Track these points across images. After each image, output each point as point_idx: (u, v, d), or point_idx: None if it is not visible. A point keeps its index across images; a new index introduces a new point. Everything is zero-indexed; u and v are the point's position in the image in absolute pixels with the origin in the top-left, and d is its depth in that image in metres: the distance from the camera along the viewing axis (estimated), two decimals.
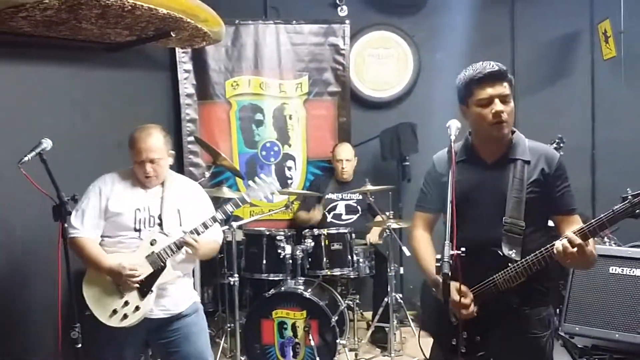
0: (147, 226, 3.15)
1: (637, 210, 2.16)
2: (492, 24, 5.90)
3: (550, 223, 2.62)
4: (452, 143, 2.32)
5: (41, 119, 3.79)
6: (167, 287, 3.16)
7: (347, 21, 5.75)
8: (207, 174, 5.10)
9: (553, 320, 2.63)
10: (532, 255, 2.37)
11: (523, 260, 2.38)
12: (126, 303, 3.06)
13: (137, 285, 3.06)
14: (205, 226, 3.18)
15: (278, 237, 4.64)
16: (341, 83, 5.78)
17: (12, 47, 3.60)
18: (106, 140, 4.41)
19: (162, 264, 3.10)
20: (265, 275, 4.68)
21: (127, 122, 4.69)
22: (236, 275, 4.45)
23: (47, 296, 3.51)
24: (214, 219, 3.23)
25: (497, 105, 2.42)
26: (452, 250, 2.16)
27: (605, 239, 4.42)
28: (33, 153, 2.79)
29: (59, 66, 4.02)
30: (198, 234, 3.15)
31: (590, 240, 2.25)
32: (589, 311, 3.66)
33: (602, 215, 2.22)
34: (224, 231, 4.52)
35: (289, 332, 4.38)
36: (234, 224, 4.45)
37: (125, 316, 3.05)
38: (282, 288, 4.48)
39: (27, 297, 3.64)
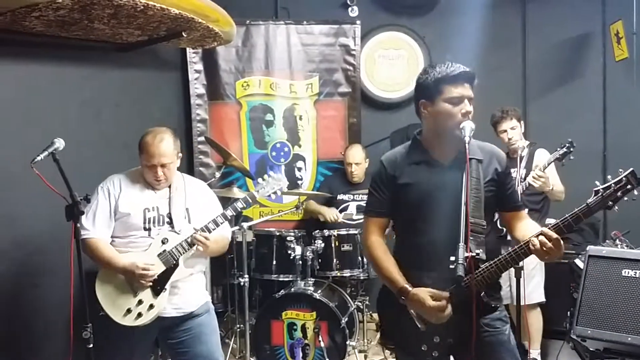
0: (157, 225, 3.16)
1: (610, 202, 2.24)
2: (504, 25, 5.87)
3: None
4: (467, 144, 2.30)
5: (52, 118, 3.81)
6: (180, 285, 3.18)
7: (358, 22, 5.75)
8: (218, 174, 5.11)
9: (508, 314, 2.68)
10: (510, 251, 2.37)
11: (501, 257, 2.38)
12: (140, 302, 3.08)
13: (151, 283, 3.07)
14: (216, 223, 3.21)
15: (288, 238, 4.63)
16: (352, 84, 5.77)
17: (24, 47, 3.62)
18: (117, 140, 4.42)
19: (174, 261, 3.11)
20: (275, 276, 4.67)
21: (137, 122, 4.72)
22: (246, 275, 4.45)
23: (59, 296, 3.52)
24: (224, 216, 3.25)
25: (467, 106, 2.42)
26: (467, 252, 2.13)
27: (617, 242, 4.39)
28: (46, 153, 2.80)
29: (71, 66, 4.03)
30: (209, 231, 3.17)
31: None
32: (601, 314, 3.62)
33: (576, 210, 2.29)
34: (234, 232, 4.54)
35: (298, 333, 4.37)
36: (245, 225, 4.45)
37: (139, 315, 3.06)
38: (292, 289, 4.47)
39: (39, 297, 3.66)
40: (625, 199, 2.25)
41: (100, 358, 2.91)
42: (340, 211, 5.22)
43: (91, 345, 2.77)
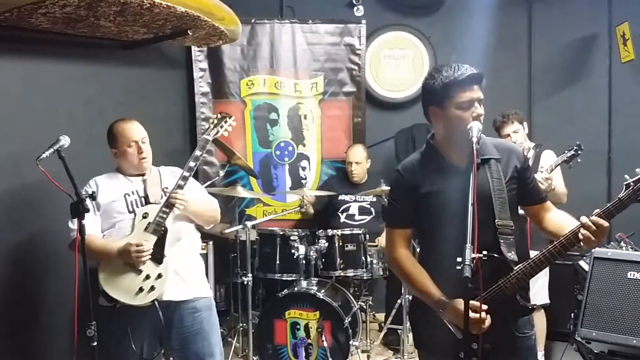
0: (139, 207, 3.22)
1: None
2: (510, 26, 5.85)
3: None
4: (475, 145, 2.28)
5: (58, 115, 3.81)
6: (179, 270, 3.19)
7: (363, 21, 5.75)
8: (222, 173, 5.13)
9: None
10: (554, 244, 2.34)
11: (541, 254, 2.34)
12: (147, 277, 3.09)
13: (149, 256, 3.08)
14: (184, 178, 3.24)
15: (292, 237, 4.62)
16: (356, 83, 5.76)
17: (30, 44, 3.62)
18: None
19: (162, 228, 3.13)
20: (279, 275, 4.66)
21: (142, 120, 4.71)
22: (249, 274, 4.45)
23: (63, 294, 3.52)
24: (190, 169, 3.28)
25: (478, 109, 2.38)
26: (474, 253, 2.12)
27: (622, 244, 4.38)
28: (51, 150, 2.80)
29: (76, 63, 4.03)
30: (181, 188, 3.21)
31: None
32: (606, 316, 3.61)
33: (609, 204, 2.27)
34: (238, 230, 4.54)
35: (301, 333, 4.36)
36: (248, 224, 4.45)
37: (152, 288, 3.08)
38: (296, 288, 4.47)
39: (44, 295, 3.66)
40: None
41: (104, 355, 2.91)
42: (342, 212, 5.21)
43: (95, 343, 2.76)
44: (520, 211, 2.63)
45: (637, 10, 5.18)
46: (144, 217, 3.15)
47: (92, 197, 2.90)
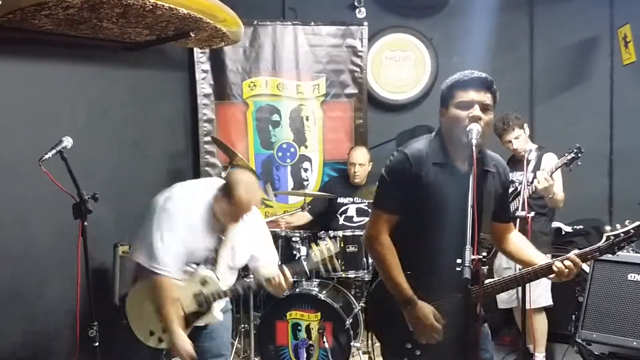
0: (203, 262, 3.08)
1: (616, 249, 2.37)
2: (511, 28, 5.86)
3: None
4: (474, 147, 2.29)
5: (60, 117, 3.83)
6: None
7: (365, 23, 5.75)
8: (223, 175, 5.12)
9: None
10: (527, 270, 2.44)
11: (517, 274, 2.46)
12: (164, 330, 2.99)
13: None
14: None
15: (293, 239, 4.63)
16: (358, 85, 5.77)
17: (33, 45, 3.63)
18: (124, 139, 4.44)
19: (206, 306, 3.05)
20: None
21: (145, 121, 4.75)
22: (251, 275, 4.44)
23: (65, 295, 3.53)
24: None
25: (476, 111, 2.37)
26: (474, 254, 2.13)
27: None
28: (54, 151, 2.81)
29: (79, 65, 4.05)
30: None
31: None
32: (606, 318, 3.63)
33: (588, 248, 2.40)
34: None
35: (303, 334, 4.37)
36: None
37: (160, 340, 3.01)
38: (297, 289, 4.47)
39: (46, 295, 3.67)
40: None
41: (106, 356, 2.92)
42: (340, 214, 5.22)
43: (97, 344, 2.77)
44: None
45: (639, 12, 5.18)
46: (202, 284, 3.03)
47: (95, 198, 2.89)
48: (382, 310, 2.64)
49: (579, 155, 3.89)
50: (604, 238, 2.38)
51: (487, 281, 2.41)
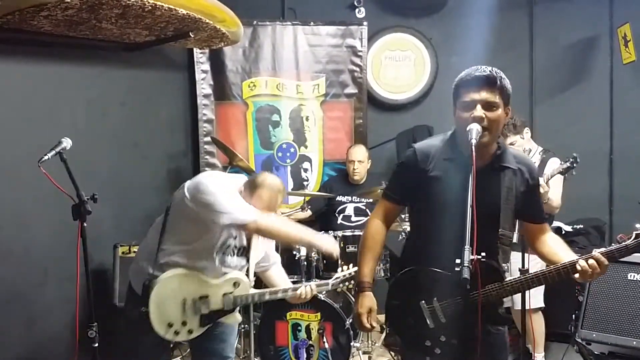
0: (231, 255, 3.09)
1: None
2: (511, 28, 5.86)
3: None
4: (473, 147, 2.29)
5: (60, 117, 3.83)
6: None
7: (365, 23, 5.75)
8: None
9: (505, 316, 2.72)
10: (550, 268, 2.37)
11: (538, 272, 2.38)
12: (184, 323, 3.00)
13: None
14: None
15: None
16: (358, 85, 5.77)
17: (32, 46, 3.63)
18: (123, 140, 4.44)
19: (232, 308, 3.08)
20: None
21: (145, 122, 4.75)
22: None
23: (65, 295, 3.53)
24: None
25: (477, 111, 2.36)
26: (472, 255, 2.13)
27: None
28: (53, 152, 2.80)
29: (78, 65, 4.05)
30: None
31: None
32: (606, 317, 3.63)
33: (614, 247, 2.33)
34: None
35: (303, 334, 4.37)
36: None
37: (176, 333, 2.99)
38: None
39: (46, 296, 3.68)
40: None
41: (106, 356, 2.92)
42: (339, 213, 5.22)
43: (96, 345, 2.77)
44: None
45: (639, 11, 5.18)
46: (234, 286, 3.07)
47: (94, 199, 2.89)
48: (402, 306, 2.68)
49: (574, 165, 3.89)
50: (633, 236, 2.31)
51: (508, 279, 2.40)
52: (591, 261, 2.28)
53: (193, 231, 2.93)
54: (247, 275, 3.15)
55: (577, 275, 2.32)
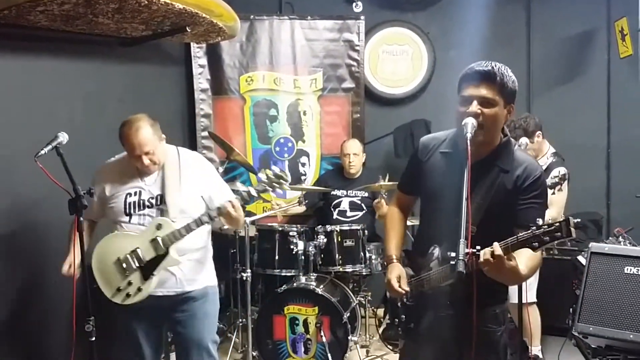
0: (138, 210, 3.18)
1: (535, 243, 2.15)
2: (508, 21, 5.86)
3: None
4: (469, 141, 2.29)
5: (56, 112, 3.82)
6: (171, 269, 3.18)
7: (362, 17, 5.74)
8: (221, 169, 5.11)
9: (506, 316, 2.72)
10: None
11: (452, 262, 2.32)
12: (129, 283, 3.10)
13: (140, 265, 3.09)
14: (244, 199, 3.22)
15: (291, 233, 4.63)
16: (355, 79, 5.77)
17: (28, 41, 3.63)
18: None
19: (164, 249, 3.09)
20: (278, 271, 4.68)
21: None
22: (248, 270, 4.45)
23: (61, 290, 3.53)
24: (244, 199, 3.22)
25: (472, 107, 2.35)
26: (467, 248, 2.13)
27: (620, 239, 4.39)
28: (49, 147, 2.80)
29: (75, 60, 4.04)
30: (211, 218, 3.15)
31: (519, 259, 2.25)
32: (603, 311, 3.62)
33: (509, 240, 2.21)
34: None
35: (300, 328, 4.38)
36: (247, 220, 4.45)
37: (127, 295, 3.09)
38: (294, 284, 4.48)
39: (42, 291, 3.67)
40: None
41: (103, 351, 2.93)
42: (334, 207, 5.22)
43: (93, 339, 2.78)
44: None
45: (636, 5, 5.16)
46: (157, 229, 3.11)
47: (90, 193, 2.90)
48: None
49: (562, 182, 3.91)
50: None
51: (430, 272, 2.53)
52: (487, 249, 2.20)
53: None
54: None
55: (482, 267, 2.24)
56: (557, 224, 2.12)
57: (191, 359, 3.32)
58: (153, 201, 3.19)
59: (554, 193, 4.16)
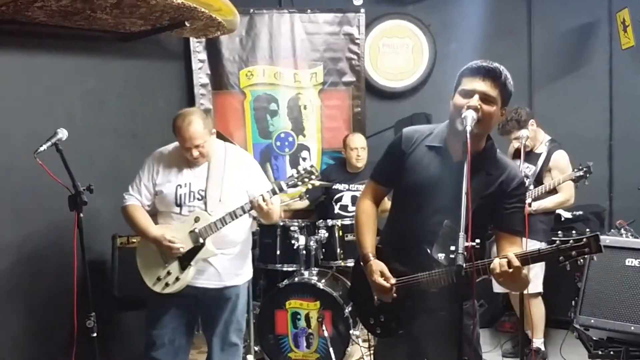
0: (188, 202, 3.30)
1: (561, 258, 2.17)
2: (509, 13, 5.84)
3: None
4: (468, 134, 2.27)
5: (56, 108, 3.82)
6: (211, 261, 3.31)
7: (362, 10, 5.71)
8: None
9: (476, 309, 2.66)
10: (468, 264, 2.26)
11: (443, 270, 2.39)
12: (168, 273, 3.27)
13: (178, 255, 3.23)
14: (274, 192, 3.31)
15: (292, 228, 4.62)
16: (356, 73, 5.74)
17: (27, 37, 3.63)
18: (121, 130, 4.43)
19: (201, 241, 3.23)
20: (279, 265, 4.68)
21: (141, 112, 4.74)
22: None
23: (62, 286, 3.54)
24: (273, 191, 3.31)
25: (473, 100, 2.36)
26: (467, 242, 2.12)
27: (622, 231, 4.38)
28: (49, 143, 2.81)
29: (74, 56, 4.04)
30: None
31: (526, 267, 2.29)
32: (604, 303, 3.62)
33: (528, 251, 2.26)
34: None
35: (302, 323, 4.39)
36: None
37: (166, 284, 3.26)
38: (296, 279, 4.48)
39: (43, 287, 3.68)
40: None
41: (105, 346, 2.93)
42: (335, 201, 5.21)
43: (95, 335, 2.78)
44: None
45: None
46: (195, 221, 3.25)
47: (90, 189, 2.90)
48: (358, 281, 2.77)
49: (587, 175, 3.88)
50: (550, 243, 2.26)
51: (421, 274, 2.48)
52: (503, 260, 2.23)
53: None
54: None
55: (492, 275, 2.28)
56: (585, 239, 2.15)
57: (218, 346, 3.48)
58: (203, 193, 3.31)
59: (577, 187, 4.19)
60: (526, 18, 5.86)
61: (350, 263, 4.65)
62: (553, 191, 4.33)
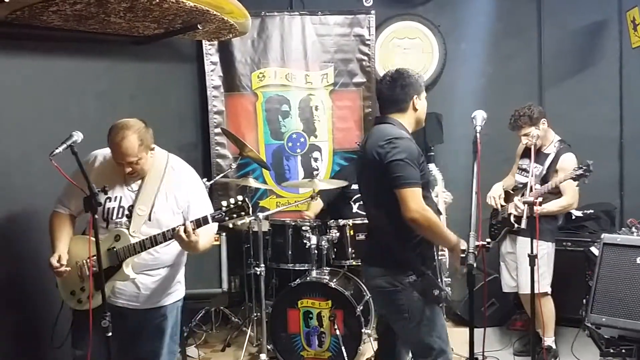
0: (115, 217, 3.06)
1: None
2: (519, 13, 5.83)
3: None
4: (478, 134, 2.31)
5: (70, 111, 3.87)
6: (139, 279, 3.09)
7: (373, 11, 5.74)
8: (234, 165, 5.20)
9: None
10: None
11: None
12: (82, 289, 3.05)
13: (94, 273, 2.95)
14: (198, 224, 2.95)
15: (303, 228, 4.66)
16: (366, 74, 5.77)
17: (42, 41, 3.67)
18: None
19: (117, 262, 3.00)
20: (291, 265, 4.73)
21: (155, 115, 4.76)
22: (262, 265, 4.49)
23: None
24: (199, 223, 2.97)
25: None
26: (477, 241, 2.16)
27: (633, 229, 4.38)
28: (64, 145, 2.81)
29: (88, 59, 4.09)
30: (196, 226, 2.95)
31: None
32: (615, 302, 3.63)
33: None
34: (250, 222, 4.58)
35: (314, 322, 4.41)
36: (260, 215, 4.49)
37: (79, 301, 3.05)
38: (308, 278, 4.51)
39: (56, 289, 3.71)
40: None
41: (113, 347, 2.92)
42: (355, 201, 5.22)
43: (110, 334, 2.80)
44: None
45: None
46: (116, 240, 3.01)
47: (104, 190, 2.91)
48: None
49: (587, 174, 3.86)
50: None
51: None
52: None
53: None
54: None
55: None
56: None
57: None
58: (126, 212, 3.07)
59: (577, 186, 4.18)
60: (536, 17, 5.85)
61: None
62: (556, 191, 4.30)
